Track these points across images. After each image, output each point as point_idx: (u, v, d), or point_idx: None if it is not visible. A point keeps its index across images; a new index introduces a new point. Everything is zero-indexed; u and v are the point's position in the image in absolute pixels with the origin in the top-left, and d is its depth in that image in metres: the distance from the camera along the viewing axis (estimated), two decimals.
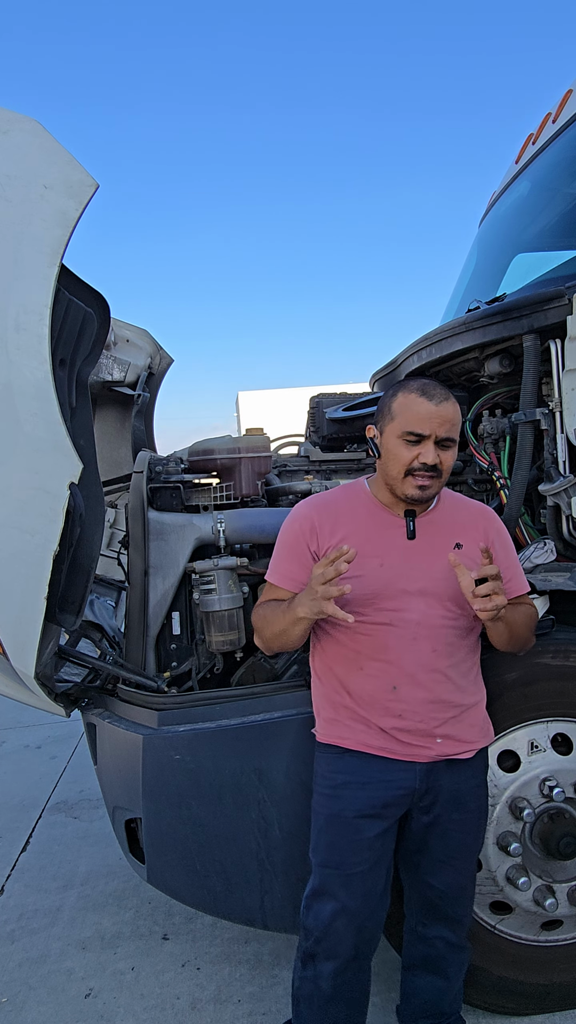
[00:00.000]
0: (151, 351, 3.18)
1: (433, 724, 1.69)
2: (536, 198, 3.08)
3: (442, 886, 1.77)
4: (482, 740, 1.79)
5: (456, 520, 1.77)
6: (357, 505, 1.75)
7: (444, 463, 1.64)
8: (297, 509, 1.79)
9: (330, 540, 1.70)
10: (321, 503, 1.78)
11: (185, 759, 1.97)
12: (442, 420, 1.61)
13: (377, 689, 1.68)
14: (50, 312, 1.70)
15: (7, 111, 1.72)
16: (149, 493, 2.28)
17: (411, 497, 1.65)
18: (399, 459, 1.63)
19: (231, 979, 2.38)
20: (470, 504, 1.85)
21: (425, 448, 1.61)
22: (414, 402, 1.62)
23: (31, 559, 1.73)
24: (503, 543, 1.82)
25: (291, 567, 1.74)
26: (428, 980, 1.83)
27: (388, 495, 1.72)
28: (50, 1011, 2.30)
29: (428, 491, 1.65)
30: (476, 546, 1.72)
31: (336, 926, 1.70)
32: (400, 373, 2.98)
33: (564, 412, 2.25)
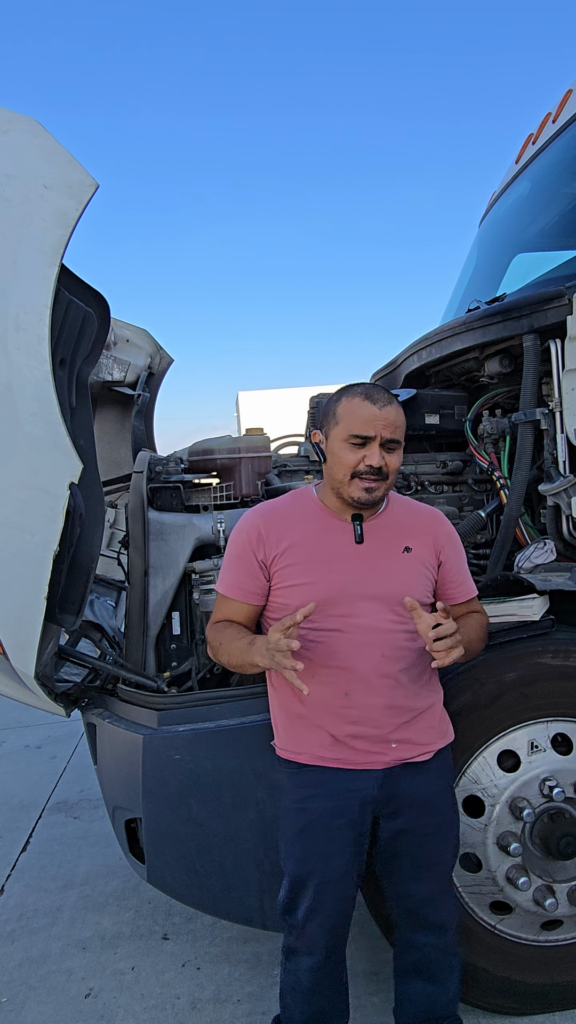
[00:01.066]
0: (151, 351, 3.19)
1: (387, 729, 1.69)
2: (536, 198, 3.08)
3: (421, 894, 1.77)
4: (440, 741, 1.78)
5: (405, 524, 1.77)
6: (305, 512, 1.74)
7: (390, 465, 1.64)
8: (244, 518, 1.77)
9: (277, 548, 1.69)
10: (268, 511, 1.77)
11: (185, 759, 1.97)
12: (386, 422, 1.62)
13: (330, 696, 1.67)
14: (50, 312, 1.70)
15: (7, 111, 1.72)
16: (149, 493, 2.28)
17: (358, 500, 1.65)
18: (344, 462, 1.63)
19: (231, 979, 2.38)
20: (420, 508, 1.85)
21: (370, 450, 1.61)
22: (358, 406, 1.63)
23: (31, 559, 1.73)
24: (453, 547, 1.82)
25: (239, 577, 1.73)
26: (421, 986, 1.82)
27: (335, 500, 1.71)
28: (50, 1011, 2.30)
29: (374, 493, 1.64)
30: (426, 550, 1.75)
31: (310, 928, 1.74)
32: (400, 373, 2.98)
33: (564, 412, 2.25)
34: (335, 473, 1.67)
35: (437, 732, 1.78)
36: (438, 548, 1.77)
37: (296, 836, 1.73)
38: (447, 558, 1.78)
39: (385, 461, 1.63)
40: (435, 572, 1.77)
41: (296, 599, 1.66)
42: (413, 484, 2.68)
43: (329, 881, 1.70)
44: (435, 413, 2.68)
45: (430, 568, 1.76)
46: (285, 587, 1.69)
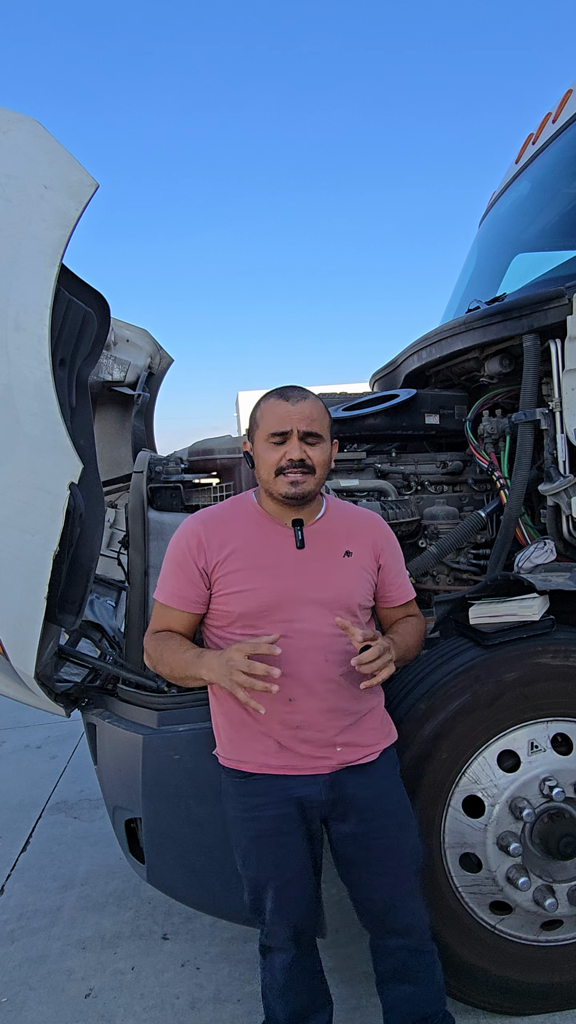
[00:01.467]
0: (151, 351, 3.19)
1: (331, 732, 1.69)
2: (536, 198, 3.08)
3: (383, 897, 1.77)
4: (384, 741, 1.79)
5: (345, 528, 1.78)
6: (245, 518, 1.75)
7: (313, 458, 1.65)
8: (185, 524, 1.77)
9: (219, 555, 1.69)
10: (208, 518, 1.76)
11: (185, 759, 1.97)
12: (301, 416, 1.64)
13: (272, 701, 1.64)
14: (50, 312, 1.70)
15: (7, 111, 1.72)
16: (149, 493, 2.28)
17: (286, 495, 1.65)
18: (267, 461, 1.65)
19: (231, 978, 2.38)
20: (359, 512, 1.87)
21: (290, 445, 1.63)
22: (272, 406, 1.66)
23: (31, 559, 1.73)
24: (392, 551, 1.83)
25: (179, 585, 1.72)
26: (401, 990, 1.82)
27: (272, 504, 1.72)
28: (50, 1011, 2.30)
29: (302, 486, 1.65)
30: (365, 553, 1.76)
31: (276, 928, 1.77)
32: (400, 373, 2.98)
33: (564, 412, 2.25)
34: (262, 474, 1.69)
35: (380, 733, 1.79)
36: (377, 552, 1.79)
37: (249, 844, 1.74)
38: (386, 561, 1.81)
39: (307, 454, 1.64)
40: (375, 575, 1.79)
41: (239, 606, 1.68)
42: (413, 484, 2.68)
43: (286, 883, 1.73)
44: (435, 413, 2.68)
45: (370, 572, 1.78)
46: (227, 594, 1.69)
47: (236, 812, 1.75)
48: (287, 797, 1.70)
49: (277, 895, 1.74)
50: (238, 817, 1.75)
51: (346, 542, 1.75)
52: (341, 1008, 2.15)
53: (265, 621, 1.65)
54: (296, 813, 1.71)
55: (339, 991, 2.22)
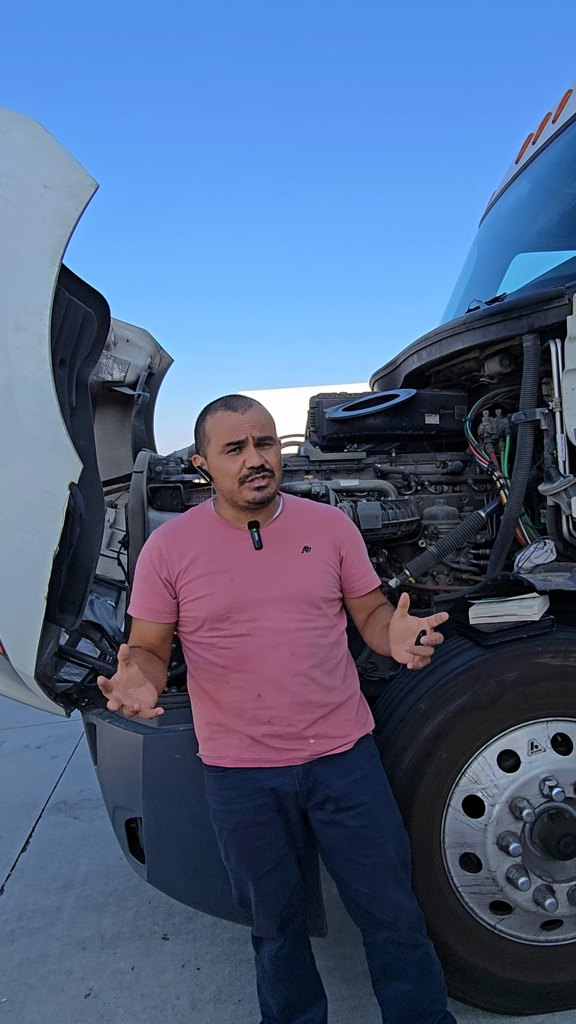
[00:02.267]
0: (151, 351, 3.19)
1: (302, 726, 1.73)
2: (536, 198, 3.08)
3: (366, 890, 1.78)
4: (358, 731, 1.82)
5: (303, 525, 1.81)
6: (203, 526, 1.79)
7: (270, 461, 1.69)
8: (148, 539, 1.82)
9: (180, 564, 1.74)
10: (169, 530, 1.81)
11: (185, 759, 1.97)
12: (253, 423, 1.68)
13: (243, 699, 1.72)
14: (50, 312, 1.71)
15: (7, 111, 1.72)
16: (149, 493, 2.28)
17: (253, 500, 1.69)
18: (228, 472, 1.69)
19: (231, 979, 2.38)
20: (317, 508, 1.90)
21: (247, 453, 1.67)
22: (222, 418, 1.69)
23: (31, 559, 1.73)
24: (353, 542, 1.86)
25: (147, 598, 1.76)
26: (394, 988, 1.82)
27: (231, 511, 1.76)
28: (50, 1011, 2.30)
29: (267, 490, 1.69)
30: (325, 548, 1.79)
31: (261, 920, 1.82)
32: (400, 373, 2.98)
33: (564, 412, 2.25)
34: (224, 485, 1.71)
35: (355, 723, 1.82)
36: (338, 544, 1.82)
37: (229, 836, 1.79)
38: (348, 553, 1.83)
39: (264, 459, 1.68)
40: (338, 568, 1.82)
41: (202, 611, 1.72)
42: (413, 484, 2.68)
43: (266, 873, 1.77)
44: (435, 413, 2.68)
45: (331, 565, 1.80)
46: (191, 600, 1.74)
47: (215, 805, 1.81)
48: (261, 788, 1.74)
49: (258, 885, 1.78)
50: (217, 811, 1.80)
51: (304, 538, 1.79)
52: (342, 1007, 2.15)
53: (229, 622, 1.71)
54: (271, 803, 1.75)
55: (340, 990, 2.22)
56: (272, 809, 1.76)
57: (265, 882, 1.78)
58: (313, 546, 1.78)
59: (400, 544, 2.70)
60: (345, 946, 2.40)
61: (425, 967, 1.81)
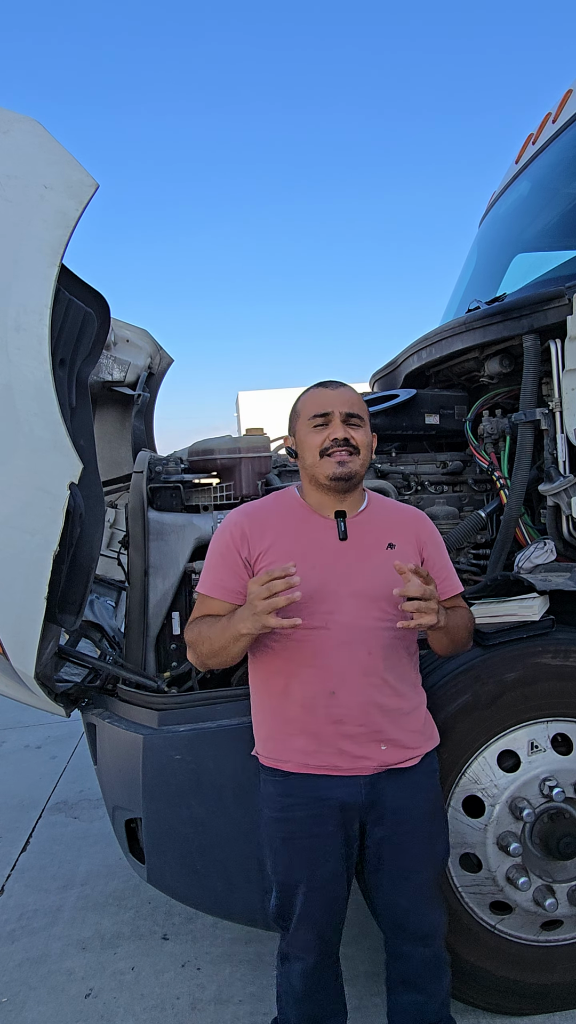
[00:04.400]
0: (151, 351, 3.19)
1: (374, 728, 1.67)
2: (536, 198, 3.08)
3: (406, 903, 1.75)
4: (426, 744, 1.77)
5: (388, 521, 1.77)
6: (287, 510, 1.75)
7: (357, 439, 1.67)
8: (228, 516, 1.78)
9: (261, 545, 1.69)
10: (251, 510, 1.77)
11: (185, 759, 1.97)
12: (342, 400, 1.69)
13: (315, 695, 1.65)
14: (50, 312, 1.70)
15: (7, 111, 1.72)
16: (149, 493, 2.28)
17: (333, 474, 1.65)
18: (311, 444, 1.68)
19: (232, 979, 2.38)
20: (402, 508, 1.87)
21: (333, 426, 1.66)
22: (312, 394, 1.73)
23: (31, 559, 1.73)
24: (435, 545, 1.82)
25: (222, 576, 1.71)
26: (409, 997, 1.81)
27: (316, 495, 1.72)
28: (50, 1011, 2.30)
29: (348, 466, 1.65)
30: (409, 547, 1.75)
31: (300, 934, 1.73)
32: (400, 373, 2.98)
33: (564, 412, 2.25)
34: (307, 459, 1.70)
35: (423, 735, 1.77)
36: (420, 545, 1.78)
37: (281, 845, 1.71)
38: (430, 555, 1.79)
39: (350, 434, 1.66)
40: None
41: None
42: (413, 484, 2.68)
43: (316, 888, 1.69)
44: (435, 413, 2.68)
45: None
46: None
47: (270, 812, 1.73)
48: (323, 798, 1.67)
49: (306, 899, 1.69)
50: (271, 817, 1.72)
51: (389, 535, 1.74)
52: None
53: (305, 612, 1.59)
54: (333, 815, 1.67)
55: None
56: (333, 822, 1.67)
57: (313, 898, 1.69)
58: (397, 544, 1.72)
59: None
60: (346, 947, 2.37)
61: (441, 980, 1.81)
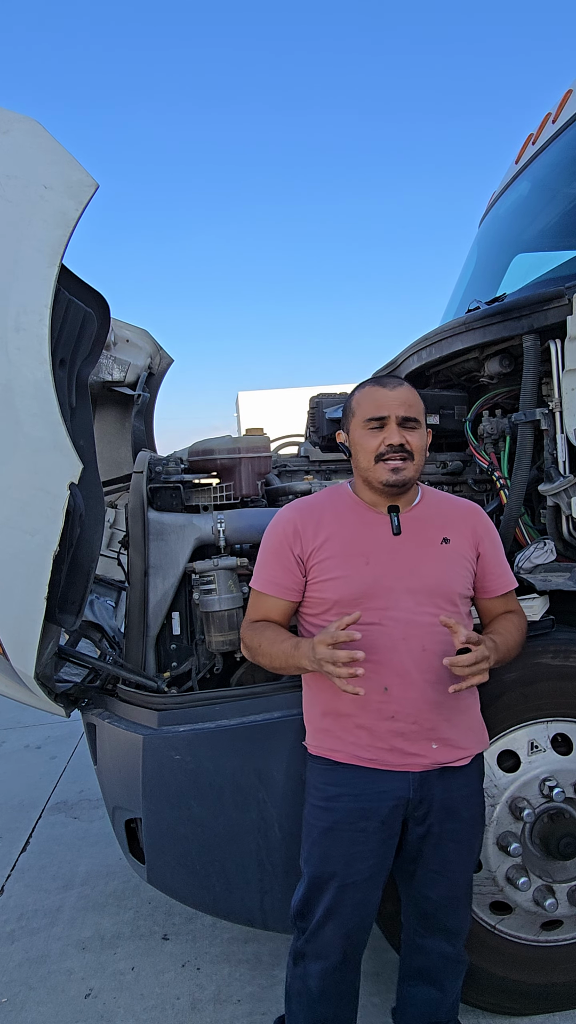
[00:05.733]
0: (151, 351, 3.19)
1: (427, 725, 1.65)
2: (536, 198, 3.08)
3: (437, 897, 1.74)
4: (477, 746, 1.76)
5: (443, 516, 1.75)
6: (340, 506, 1.74)
7: (412, 444, 1.65)
8: (280, 513, 1.77)
9: (314, 542, 1.68)
10: (304, 506, 1.76)
11: (185, 759, 1.97)
12: (399, 402, 1.65)
13: (369, 691, 1.61)
14: (50, 312, 1.70)
15: (7, 111, 1.72)
16: (149, 493, 2.28)
17: (387, 482, 1.64)
18: (366, 448, 1.65)
19: (231, 979, 2.38)
20: (458, 501, 1.84)
21: (388, 431, 1.64)
22: (369, 392, 1.68)
23: (31, 559, 1.73)
24: (492, 540, 1.80)
25: (275, 572, 1.71)
26: (424, 991, 1.81)
27: (370, 493, 1.71)
28: (50, 1011, 2.30)
29: (403, 473, 1.64)
30: (464, 542, 1.73)
31: (325, 932, 1.70)
32: (400, 373, 2.98)
33: (564, 412, 2.25)
34: (360, 461, 1.68)
35: (475, 737, 1.75)
36: (477, 540, 1.75)
37: (320, 835, 1.69)
38: (486, 550, 1.76)
39: (406, 439, 1.63)
40: (474, 564, 1.75)
41: (333, 592, 1.65)
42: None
43: (350, 884, 1.67)
44: (435, 413, 2.68)
45: (469, 560, 1.73)
46: (322, 581, 1.67)
47: (314, 800, 1.72)
48: (370, 791, 1.65)
49: (338, 896, 1.67)
50: (315, 806, 1.71)
51: (444, 529, 1.72)
52: None
53: (360, 608, 1.57)
54: (379, 810, 1.65)
55: None
56: (378, 817, 1.65)
57: (347, 894, 1.66)
58: (453, 538, 1.70)
59: None
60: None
61: (457, 979, 1.82)
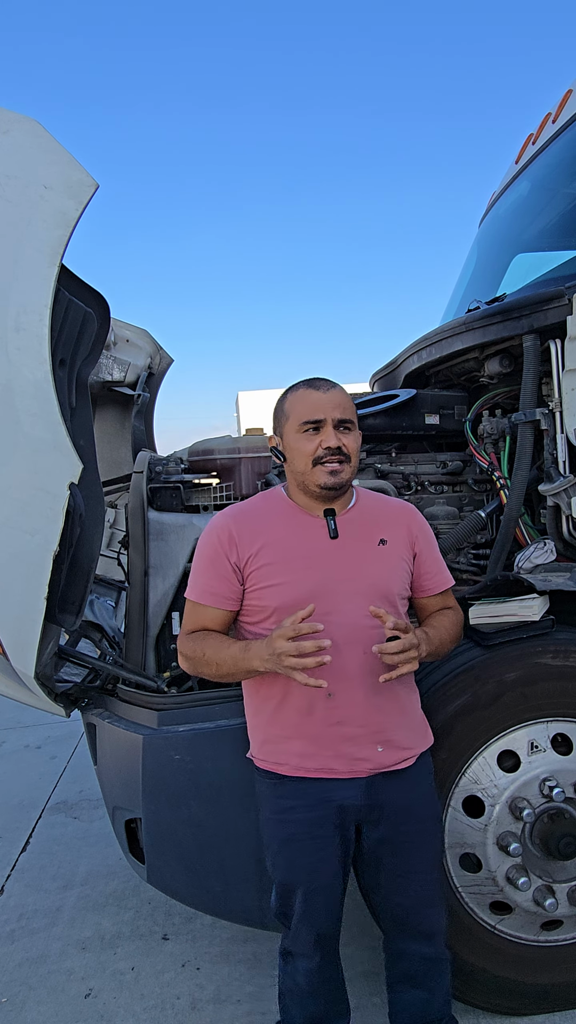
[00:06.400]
0: (151, 351, 3.19)
1: (373, 728, 1.66)
2: (536, 198, 3.08)
3: (407, 902, 1.75)
4: (422, 744, 1.77)
5: (378, 517, 1.75)
6: (275, 511, 1.72)
7: (348, 446, 1.64)
8: (214, 520, 1.74)
9: (250, 549, 1.66)
10: (239, 512, 1.74)
11: (185, 759, 1.97)
12: (334, 404, 1.63)
13: (313, 698, 1.63)
14: (50, 312, 1.70)
15: (7, 111, 1.72)
16: (149, 493, 2.28)
17: (325, 485, 1.63)
18: (303, 451, 1.63)
19: (231, 979, 2.38)
20: (391, 502, 1.85)
21: (325, 434, 1.62)
22: (303, 395, 1.66)
23: (31, 559, 1.73)
24: (426, 538, 1.80)
25: (212, 582, 1.68)
26: (412, 995, 1.81)
27: (305, 497, 1.70)
28: (50, 1011, 2.30)
29: (340, 475, 1.63)
30: (400, 542, 1.73)
31: (302, 933, 1.74)
32: (400, 373, 2.98)
33: (564, 412, 2.25)
34: (297, 466, 1.66)
35: (419, 735, 1.77)
36: (412, 539, 1.76)
37: (280, 847, 1.71)
38: (421, 549, 1.77)
39: (342, 442, 1.63)
40: (411, 564, 1.76)
41: (273, 599, 1.65)
42: (413, 484, 2.68)
43: (316, 889, 1.70)
44: (435, 413, 2.68)
45: (407, 560, 1.74)
46: (261, 588, 1.66)
47: (268, 813, 1.73)
48: (322, 800, 1.67)
49: (306, 899, 1.70)
50: (270, 819, 1.72)
51: (380, 530, 1.72)
52: None
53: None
54: (331, 817, 1.67)
55: None
56: (331, 824, 1.67)
57: (314, 898, 1.70)
58: (389, 539, 1.71)
59: None
60: (346, 947, 2.38)
61: (443, 977, 1.81)
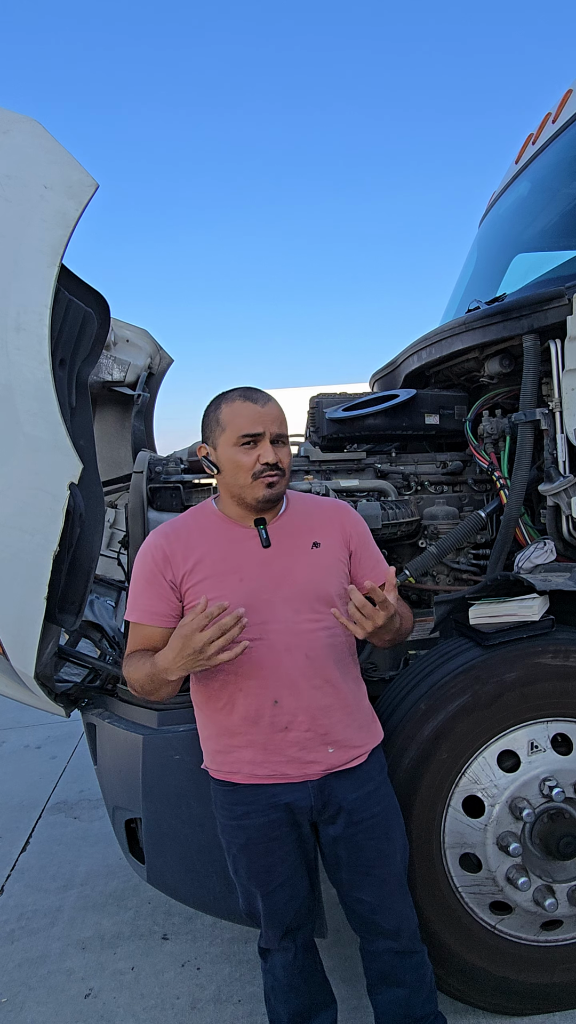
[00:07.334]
0: (151, 351, 3.19)
1: (321, 731, 1.67)
2: (536, 198, 3.08)
3: (370, 899, 1.75)
4: (372, 740, 1.77)
5: (310, 520, 1.75)
6: (207, 525, 1.72)
7: (283, 461, 1.65)
8: (148, 540, 1.73)
9: (185, 565, 1.66)
10: (171, 530, 1.72)
11: (185, 759, 1.97)
12: (272, 418, 1.63)
13: (260, 706, 1.64)
14: (50, 312, 1.71)
15: (7, 111, 1.72)
16: (149, 493, 2.28)
17: (263, 498, 1.63)
18: (242, 465, 1.62)
19: (231, 979, 2.38)
20: (323, 502, 1.84)
21: (263, 448, 1.62)
22: (241, 408, 1.63)
23: (31, 559, 1.73)
24: (361, 535, 1.80)
25: (150, 601, 1.67)
26: (391, 993, 1.82)
27: (236, 508, 1.69)
28: (50, 1011, 2.30)
29: (277, 488, 1.64)
30: (334, 543, 1.73)
31: (270, 931, 1.77)
32: (400, 373, 2.98)
33: (564, 412, 2.25)
34: (235, 479, 1.64)
35: (368, 732, 1.77)
36: (346, 538, 1.76)
37: (239, 851, 1.73)
38: (356, 547, 1.77)
39: (279, 456, 1.63)
40: (348, 563, 1.76)
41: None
42: (413, 484, 2.68)
43: (276, 887, 1.73)
44: (435, 413, 2.68)
45: (342, 560, 1.74)
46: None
47: (224, 820, 1.75)
48: (274, 804, 1.69)
49: (268, 899, 1.74)
50: (227, 825, 1.74)
51: (313, 533, 1.72)
52: (342, 1008, 2.14)
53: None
54: (284, 819, 1.70)
55: (339, 991, 2.21)
56: (285, 824, 1.70)
57: (275, 896, 1.73)
58: (322, 541, 1.71)
59: (400, 544, 2.70)
60: (345, 947, 2.40)
61: (420, 972, 1.81)
